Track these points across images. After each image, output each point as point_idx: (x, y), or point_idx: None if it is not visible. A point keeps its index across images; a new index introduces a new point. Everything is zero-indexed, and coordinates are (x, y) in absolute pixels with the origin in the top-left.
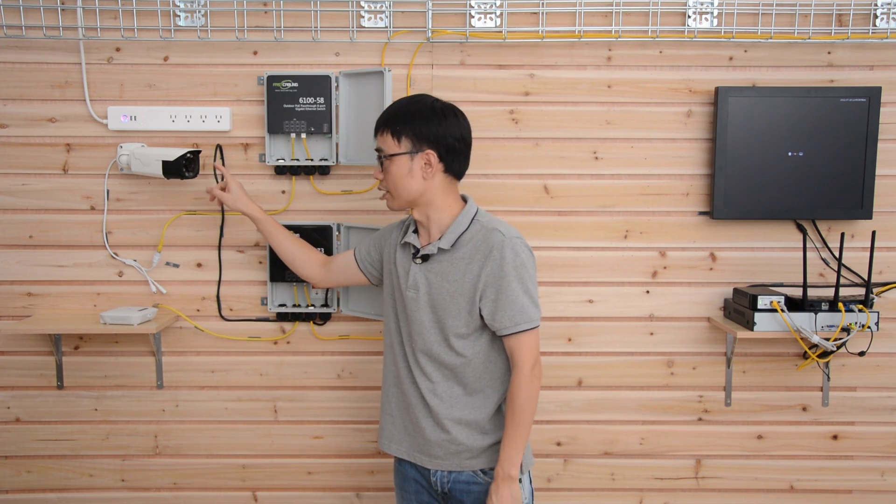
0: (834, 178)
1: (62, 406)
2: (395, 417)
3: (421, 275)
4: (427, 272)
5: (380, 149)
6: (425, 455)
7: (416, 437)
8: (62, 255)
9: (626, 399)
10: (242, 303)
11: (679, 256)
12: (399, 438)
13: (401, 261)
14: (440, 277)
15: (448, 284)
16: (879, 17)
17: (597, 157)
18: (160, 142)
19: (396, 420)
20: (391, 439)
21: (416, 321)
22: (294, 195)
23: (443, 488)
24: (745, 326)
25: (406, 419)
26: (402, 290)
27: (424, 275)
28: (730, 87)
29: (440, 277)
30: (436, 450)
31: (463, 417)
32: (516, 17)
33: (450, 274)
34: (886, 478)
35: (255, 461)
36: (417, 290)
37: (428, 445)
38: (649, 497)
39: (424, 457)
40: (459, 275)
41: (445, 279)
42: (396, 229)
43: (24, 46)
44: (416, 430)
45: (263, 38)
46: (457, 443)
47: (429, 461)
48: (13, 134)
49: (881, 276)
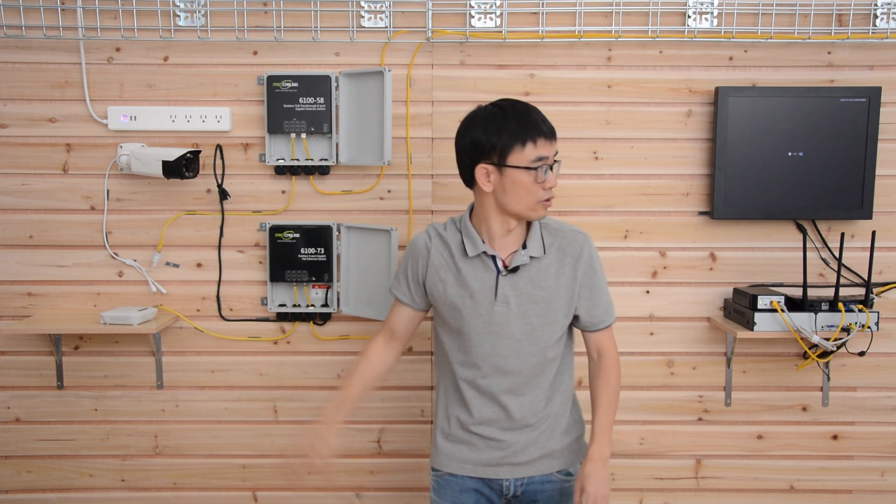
0: (834, 178)
1: (62, 406)
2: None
3: (508, 287)
4: (515, 283)
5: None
6: (503, 466)
7: (492, 451)
8: (62, 255)
9: (626, 399)
10: (242, 303)
11: (679, 256)
12: (462, 457)
13: (474, 276)
14: (532, 285)
15: (542, 291)
16: (879, 17)
17: (597, 157)
18: (160, 142)
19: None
20: (451, 458)
21: (506, 336)
22: (294, 195)
23: (515, 492)
24: (745, 326)
25: (478, 437)
26: (483, 306)
27: (513, 286)
28: (730, 87)
29: (532, 285)
30: (519, 457)
31: (546, 420)
32: (516, 17)
33: (541, 280)
34: (886, 478)
35: (255, 461)
36: (508, 304)
37: (509, 456)
38: (649, 497)
39: (501, 468)
40: (552, 280)
41: (538, 286)
42: (430, 248)
43: (24, 46)
44: (493, 445)
45: (263, 38)
46: (542, 445)
47: (507, 471)
48: (13, 134)
49: (881, 276)
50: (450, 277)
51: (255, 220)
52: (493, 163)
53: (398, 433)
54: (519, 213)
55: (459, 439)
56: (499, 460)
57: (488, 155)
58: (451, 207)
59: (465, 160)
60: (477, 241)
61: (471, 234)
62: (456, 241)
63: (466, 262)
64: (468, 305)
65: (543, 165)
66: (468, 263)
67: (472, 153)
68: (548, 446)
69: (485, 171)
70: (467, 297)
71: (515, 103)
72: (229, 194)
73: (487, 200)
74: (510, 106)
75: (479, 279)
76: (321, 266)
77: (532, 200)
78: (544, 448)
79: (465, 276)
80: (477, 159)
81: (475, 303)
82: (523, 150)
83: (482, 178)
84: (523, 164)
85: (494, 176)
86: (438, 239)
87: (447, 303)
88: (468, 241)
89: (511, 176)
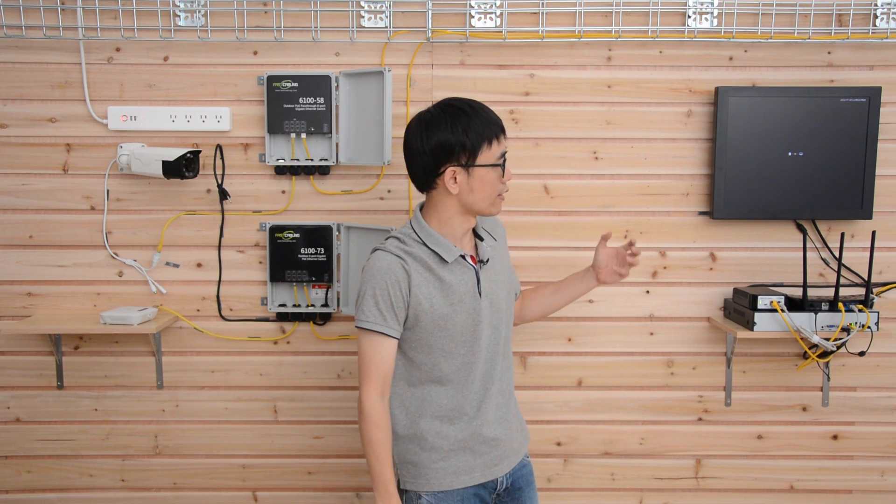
0: (834, 178)
1: (62, 406)
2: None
3: (485, 280)
4: (487, 274)
5: (506, 150)
6: (504, 460)
7: (497, 449)
8: (62, 255)
9: (626, 399)
10: (242, 303)
11: (679, 256)
12: (470, 466)
13: (457, 281)
14: (494, 271)
15: (499, 275)
16: (879, 17)
17: (597, 157)
18: (160, 142)
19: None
20: (460, 472)
21: (497, 327)
22: (294, 195)
23: (505, 485)
24: (745, 326)
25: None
26: (470, 306)
27: (487, 278)
28: (730, 87)
29: (494, 271)
30: (517, 443)
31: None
32: (516, 17)
33: (497, 265)
34: (886, 478)
35: (255, 461)
36: (489, 296)
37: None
38: (649, 497)
39: (503, 463)
40: (502, 262)
41: (495, 271)
42: (409, 270)
43: (24, 46)
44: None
45: (263, 38)
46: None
47: (507, 464)
48: (13, 134)
49: (881, 276)
50: (434, 292)
51: (255, 220)
52: (461, 164)
53: None
54: (482, 210)
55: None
56: (500, 457)
57: (457, 156)
58: None
59: (429, 164)
60: (449, 247)
61: (439, 241)
62: (424, 252)
63: (446, 270)
64: (458, 310)
65: (504, 160)
66: (448, 270)
67: (437, 156)
68: (522, 429)
69: (453, 172)
70: (456, 302)
71: (470, 102)
72: (229, 194)
73: (450, 202)
74: (467, 105)
75: (462, 282)
76: (321, 266)
77: (493, 196)
78: (521, 430)
79: (450, 284)
80: (444, 161)
81: (463, 305)
82: (490, 148)
83: (450, 180)
84: (491, 161)
85: (461, 177)
86: (410, 258)
87: (434, 318)
88: (440, 248)
89: (479, 175)
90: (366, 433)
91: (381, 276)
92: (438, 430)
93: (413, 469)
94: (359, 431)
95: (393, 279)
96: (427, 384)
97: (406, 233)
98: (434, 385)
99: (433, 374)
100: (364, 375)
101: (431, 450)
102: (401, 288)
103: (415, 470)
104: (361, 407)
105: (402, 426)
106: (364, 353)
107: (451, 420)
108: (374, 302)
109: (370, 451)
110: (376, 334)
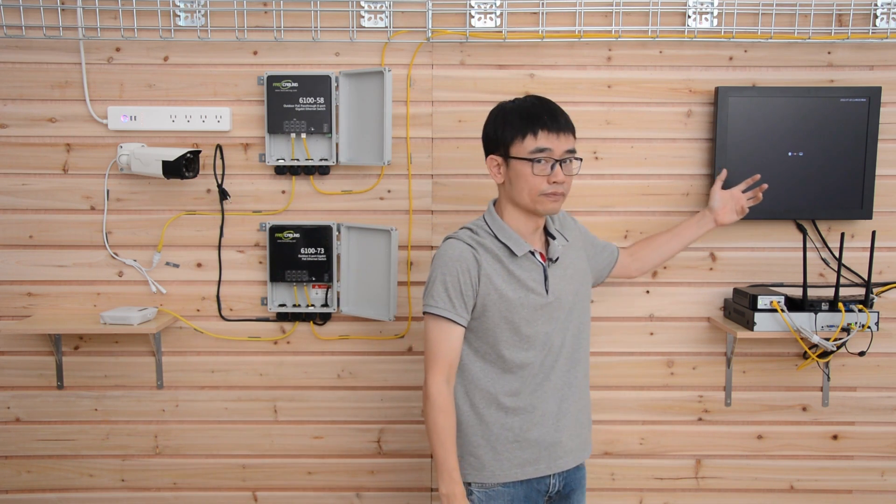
0: (834, 178)
1: (62, 406)
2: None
3: (554, 278)
4: (557, 271)
5: (572, 150)
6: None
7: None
8: (62, 255)
9: (626, 399)
10: (242, 303)
11: (679, 256)
12: (533, 458)
13: (526, 275)
14: (569, 269)
15: (576, 272)
16: (879, 17)
17: (597, 157)
18: (160, 142)
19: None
20: (512, 465)
21: (575, 323)
22: (294, 195)
23: (557, 487)
24: (745, 326)
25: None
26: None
27: (556, 276)
28: (730, 87)
29: (569, 269)
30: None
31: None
32: (516, 17)
33: (572, 262)
34: (886, 478)
35: (255, 461)
36: (558, 294)
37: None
38: (649, 497)
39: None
40: (575, 258)
41: (572, 268)
42: (479, 259)
43: (24, 46)
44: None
45: (263, 38)
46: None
47: (564, 462)
48: (13, 134)
49: (881, 276)
50: (503, 283)
51: (255, 220)
52: (500, 154)
53: (398, 433)
54: (525, 205)
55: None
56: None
57: (496, 147)
58: (451, 207)
59: (484, 153)
60: (520, 241)
61: (510, 234)
62: (496, 246)
63: (516, 264)
64: (525, 304)
65: (545, 158)
66: (517, 264)
67: (485, 146)
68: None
69: (495, 162)
70: (523, 296)
71: (533, 98)
72: (229, 194)
73: (503, 193)
74: (525, 100)
75: (531, 277)
76: (321, 266)
77: (534, 193)
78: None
79: (519, 277)
80: (489, 151)
81: (529, 300)
82: (523, 142)
83: (493, 168)
84: (522, 155)
85: (503, 168)
86: (481, 248)
87: (501, 309)
88: (511, 241)
89: (514, 167)
90: (431, 418)
91: (452, 263)
92: (501, 420)
93: (469, 459)
94: (423, 418)
95: (463, 267)
96: (491, 376)
97: (479, 224)
98: (497, 377)
99: (498, 365)
100: (430, 361)
101: (489, 440)
102: (471, 276)
103: (471, 460)
104: (427, 392)
105: (464, 414)
106: (431, 339)
107: (512, 413)
108: (444, 288)
109: (435, 438)
110: (444, 321)
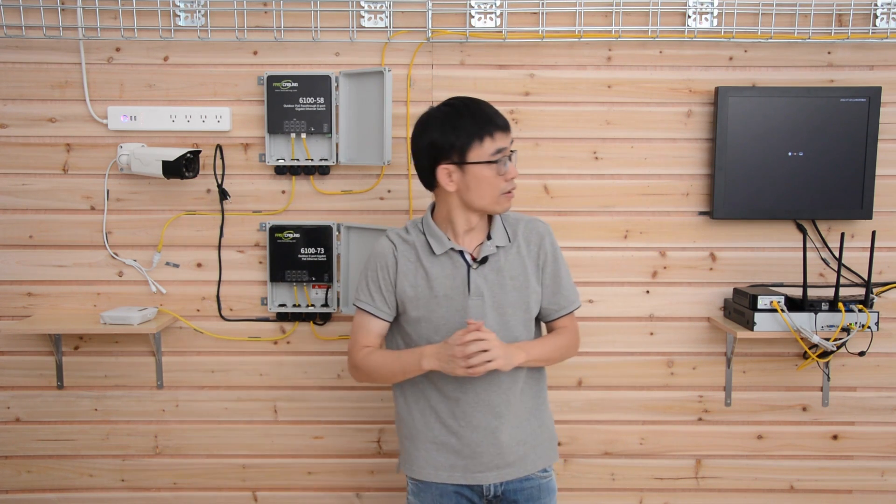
0: (834, 178)
1: (62, 406)
2: (446, 444)
3: (480, 279)
4: (486, 274)
5: (506, 147)
6: (492, 470)
7: (478, 457)
8: (62, 255)
9: (626, 399)
10: (242, 303)
11: (679, 256)
12: (450, 464)
13: (444, 275)
14: (502, 275)
15: (512, 280)
16: (879, 17)
17: (597, 157)
18: (160, 142)
19: (447, 447)
20: (438, 467)
21: (511, 332)
22: (294, 195)
23: (495, 492)
24: (745, 326)
25: (464, 442)
26: (458, 302)
27: (484, 277)
28: (730, 87)
29: (502, 275)
30: (508, 457)
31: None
32: (516, 17)
33: (510, 269)
34: (886, 478)
35: (255, 461)
36: (482, 296)
37: (496, 459)
38: (649, 497)
39: (490, 473)
40: (520, 268)
41: (507, 276)
42: (397, 254)
43: (24, 46)
44: (479, 451)
45: (263, 38)
46: (525, 443)
47: (495, 475)
48: (13, 134)
49: (881, 276)
50: (419, 280)
51: (255, 220)
52: (453, 162)
53: None
54: (484, 207)
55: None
56: (485, 465)
57: (448, 155)
58: None
59: (424, 162)
60: (442, 239)
61: (435, 233)
62: (420, 242)
63: (434, 262)
64: (442, 304)
65: (503, 157)
66: (436, 263)
67: (430, 155)
68: (529, 443)
69: (446, 171)
70: (440, 295)
71: (466, 100)
72: (229, 194)
73: (451, 199)
74: (461, 103)
75: (450, 276)
76: (321, 266)
77: (496, 193)
78: (526, 444)
79: (435, 276)
80: (437, 160)
81: (449, 300)
82: (482, 146)
83: (444, 178)
84: (484, 158)
85: (456, 175)
86: (402, 243)
87: (418, 307)
88: (433, 240)
89: (473, 172)
90: (365, 369)
91: (374, 258)
92: (429, 421)
93: (404, 452)
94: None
95: (382, 263)
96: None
97: (417, 220)
98: (425, 377)
99: None
100: (350, 347)
101: (419, 438)
102: (388, 272)
103: (405, 454)
104: (351, 364)
105: (401, 409)
106: (353, 328)
107: (439, 414)
108: (366, 282)
109: (383, 369)
110: (365, 313)
